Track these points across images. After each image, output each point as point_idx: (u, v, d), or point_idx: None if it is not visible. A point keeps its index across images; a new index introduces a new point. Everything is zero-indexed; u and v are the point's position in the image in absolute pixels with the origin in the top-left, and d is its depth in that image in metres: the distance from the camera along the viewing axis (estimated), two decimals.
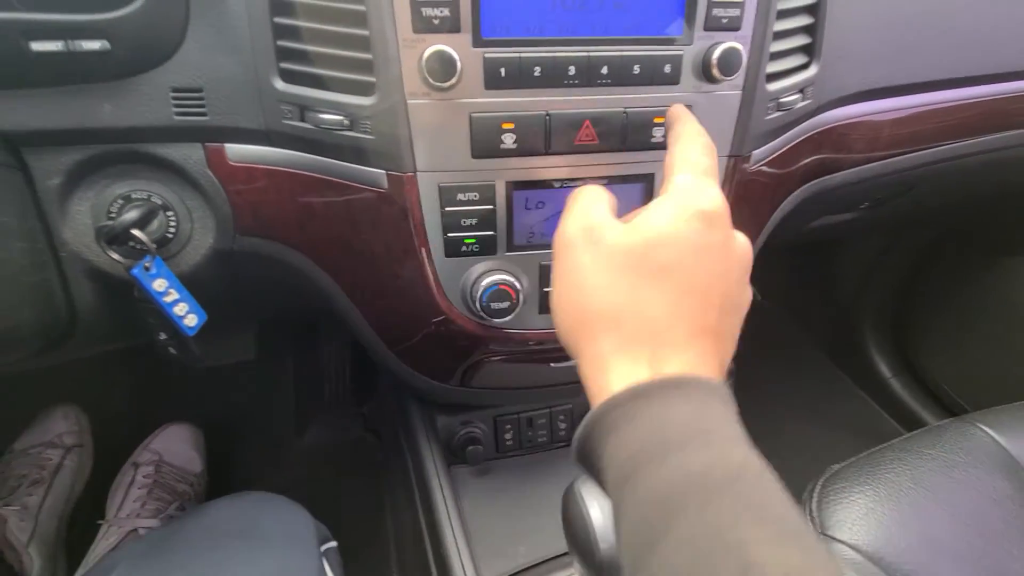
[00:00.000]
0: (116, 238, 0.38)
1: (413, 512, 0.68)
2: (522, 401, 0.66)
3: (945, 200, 0.80)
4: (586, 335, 0.27)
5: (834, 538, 0.52)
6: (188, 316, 0.42)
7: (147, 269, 0.39)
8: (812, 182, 0.54)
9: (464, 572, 0.53)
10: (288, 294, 0.59)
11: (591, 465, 0.26)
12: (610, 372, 0.26)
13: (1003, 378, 1.00)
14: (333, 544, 0.48)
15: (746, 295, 0.30)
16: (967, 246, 1.06)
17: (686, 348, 0.26)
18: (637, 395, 0.24)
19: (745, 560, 0.20)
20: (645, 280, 0.26)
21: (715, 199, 0.28)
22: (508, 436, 0.65)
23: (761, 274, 1.42)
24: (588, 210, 0.29)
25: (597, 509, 0.34)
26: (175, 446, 0.90)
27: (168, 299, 0.41)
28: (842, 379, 1.28)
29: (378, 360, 0.56)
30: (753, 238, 0.52)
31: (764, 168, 0.46)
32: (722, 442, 0.23)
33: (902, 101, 0.55)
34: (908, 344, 1.19)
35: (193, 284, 0.43)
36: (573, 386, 0.57)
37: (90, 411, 0.94)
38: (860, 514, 0.53)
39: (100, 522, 0.80)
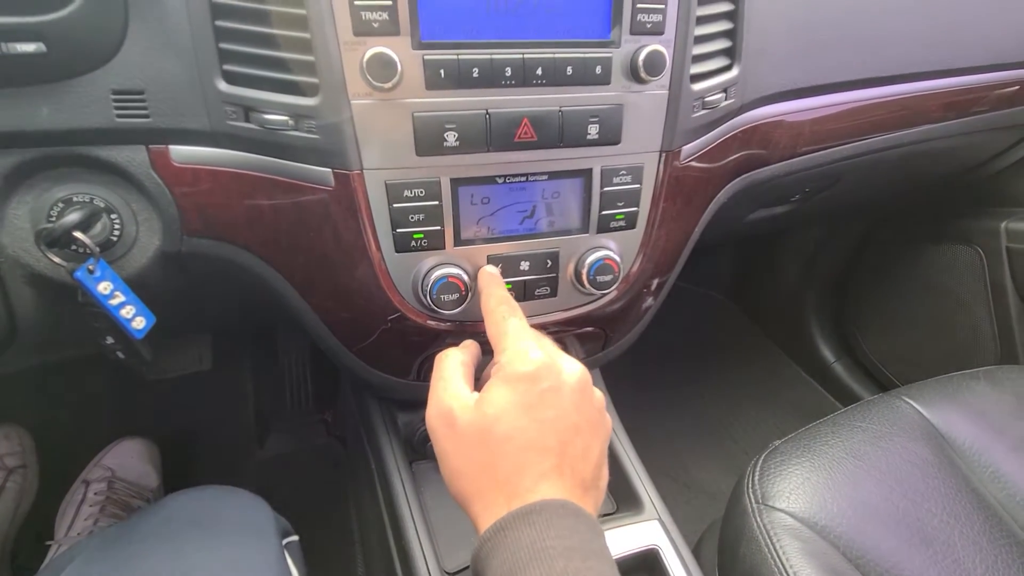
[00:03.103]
0: (56, 241, 0.38)
1: (376, 508, 0.68)
2: None
3: (870, 192, 0.86)
4: (464, 500, 0.36)
5: (773, 507, 0.55)
6: (136, 319, 0.42)
7: (91, 272, 0.39)
8: (742, 176, 0.58)
9: (426, 564, 0.54)
10: (242, 297, 0.59)
11: None
12: (481, 522, 0.33)
13: (930, 355, 1.08)
14: (295, 538, 0.48)
15: (590, 413, 0.37)
16: (894, 236, 1.14)
17: (534, 490, 0.33)
18: (497, 530, 0.32)
19: None
20: (492, 450, 0.34)
21: (530, 360, 0.36)
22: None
23: (712, 269, 1.49)
24: (445, 391, 0.37)
25: None
26: (129, 461, 0.88)
27: (114, 302, 0.40)
28: (789, 365, 1.35)
29: (336, 360, 0.56)
30: (690, 230, 0.55)
31: (695, 163, 0.49)
32: (553, 557, 0.30)
33: (820, 100, 0.59)
34: (848, 330, 1.27)
35: (141, 287, 0.43)
36: None
37: (36, 430, 0.90)
38: (796, 484, 0.57)
39: (49, 543, 0.77)
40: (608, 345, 0.58)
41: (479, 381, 0.39)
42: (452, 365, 0.39)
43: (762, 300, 1.44)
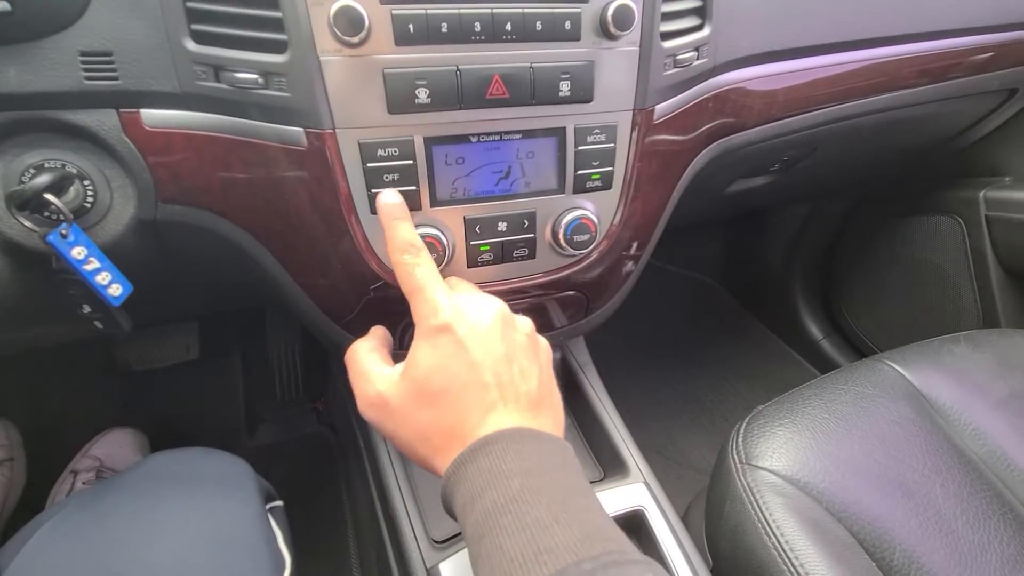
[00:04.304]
0: (27, 203, 0.37)
1: (365, 486, 0.69)
2: None
3: (849, 164, 0.87)
4: (428, 463, 0.37)
5: (757, 466, 0.56)
6: (112, 286, 0.42)
7: (64, 236, 0.39)
8: (718, 141, 0.58)
9: (413, 532, 0.54)
10: (225, 276, 0.59)
11: (452, 515, 0.34)
12: (440, 464, 0.35)
13: (916, 327, 1.09)
14: (279, 503, 0.48)
15: (516, 338, 0.38)
16: (876, 211, 1.15)
17: (483, 424, 0.34)
18: (456, 465, 0.33)
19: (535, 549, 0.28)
20: (433, 406, 0.35)
21: (443, 310, 0.36)
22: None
23: (700, 253, 1.50)
24: (365, 382, 0.38)
25: None
26: (117, 451, 0.87)
27: (88, 267, 0.40)
28: (778, 344, 1.36)
29: (320, 334, 0.56)
30: (667, 195, 0.56)
31: (669, 124, 0.50)
32: (508, 478, 0.31)
33: (794, 65, 0.60)
34: (835, 307, 1.28)
35: (118, 257, 0.43)
36: None
37: (23, 423, 0.89)
38: (779, 444, 0.58)
39: None
40: (590, 312, 0.59)
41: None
42: (362, 358, 0.39)
43: (750, 282, 1.45)
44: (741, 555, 0.53)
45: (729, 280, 1.52)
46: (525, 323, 0.40)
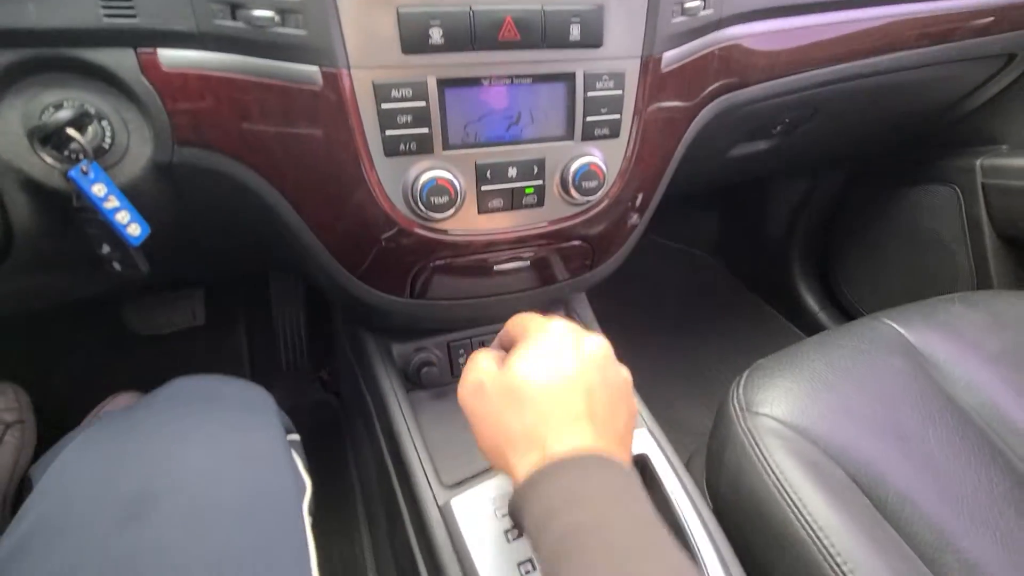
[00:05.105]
0: (49, 137, 0.38)
1: (374, 441, 0.70)
2: (474, 325, 0.69)
3: (850, 129, 0.88)
4: (498, 454, 0.38)
5: (758, 412, 0.58)
6: (131, 225, 0.43)
7: (85, 173, 0.40)
8: (723, 97, 0.59)
9: (427, 478, 0.56)
10: (237, 225, 0.59)
11: (521, 526, 0.35)
12: (517, 471, 0.36)
13: (910, 296, 1.10)
14: (297, 437, 0.50)
15: (615, 380, 0.41)
16: (875, 182, 1.17)
17: (565, 437, 0.35)
18: (533, 480, 0.34)
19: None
20: (522, 405, 0.37)
21: (552, 328, 0.40)
22: (462, 360, 0.68)
23: (698, 227, 1.51)
24: (473, 370, 0.41)
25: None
26: None
27: (109, 205, 0.41)
28: (776, 317, 1.38)
29: (331, 286, 0.57)
30: (672, 148, 0.57)
31: (675, 73, 0.50)
32: (584, 500, 0.32)
33: (798, 21, 0.61)
34: (833, 279, 1.29)
35: (135, 200, 0.43)
36: (520, 299, 0.60)
37: (32, 388, 0.90)
38: (780, 393, 0.59)
39: None
40: (595, 264, 0.60)
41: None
42: (480, 354, 0.42)
43: (747, 255, 1.47)
44: (742, 496, 0.54)
45: (727, 255, 1.53)
46: (625, 372, 0.42)
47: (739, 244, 1.49)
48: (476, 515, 0.51)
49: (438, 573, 0.50)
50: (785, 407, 0.58)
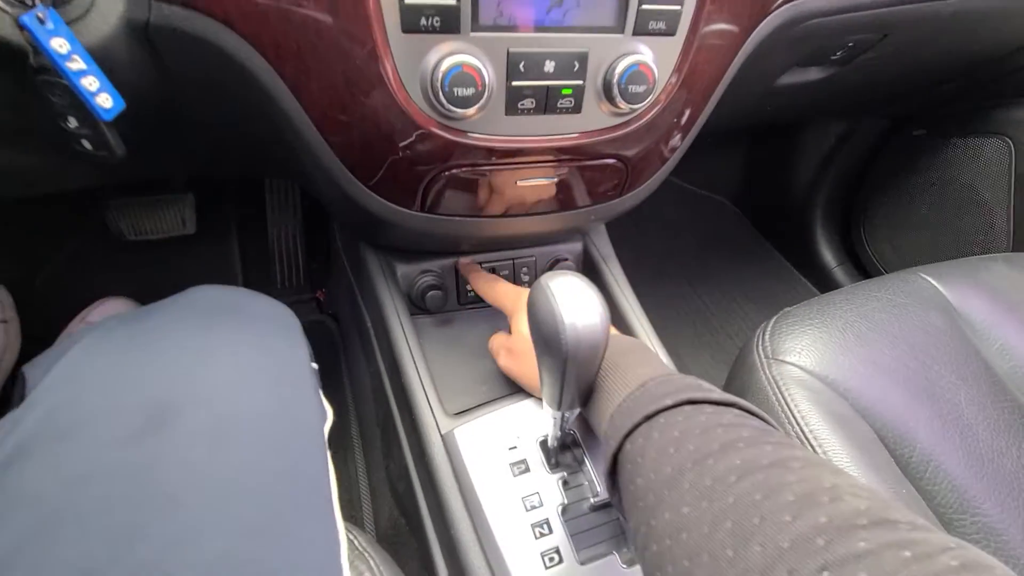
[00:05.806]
0: None
1: (374, 365, 0.67)
2: (483, 249, 0.64)
3: (909, 61, 0.79)
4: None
5: (784, 361, 0.54)
6: (100, 95, 0.36)
7: (41, 21, 0.33)
8: (789, 3, 0.51)
9: (429, 405, 0.53)
10: (229, 112, 0.52)
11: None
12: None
13: (936, 254, 1.06)
14: (316, 366, 0.46)
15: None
16: (918, 131, 1.09)
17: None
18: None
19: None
20: (518, 357, 0.53)
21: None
22: (469, 286, 0.63)
23: (721, 172, 1.42)
24: (496, 342, 0.56)
25: (565, 303, 0.34)
26: None
27: (73, 67, 0.34)
28: (789, 270, 1.33)
29: (332, 197, 0.51)
30: (729, 58, 0.50)
31: None
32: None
33: None
34: (856, 234, 1.24)
35: (110, 70, 0.37)
36: (538, 222, 0.55)
37: (16, 290, 0.86)
38: (808, 342, 0.56)
39: None
40: (625, 190, 0.54)
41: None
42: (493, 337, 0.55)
43: (768, 204, 1.40)
44: None
45: (745, 203, 1.47)
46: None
47: (759, 191, 1.42)
48: (480, 446, 0.48)
49: (438, 502, 0.48)
50: (814, 357, 0.54)
